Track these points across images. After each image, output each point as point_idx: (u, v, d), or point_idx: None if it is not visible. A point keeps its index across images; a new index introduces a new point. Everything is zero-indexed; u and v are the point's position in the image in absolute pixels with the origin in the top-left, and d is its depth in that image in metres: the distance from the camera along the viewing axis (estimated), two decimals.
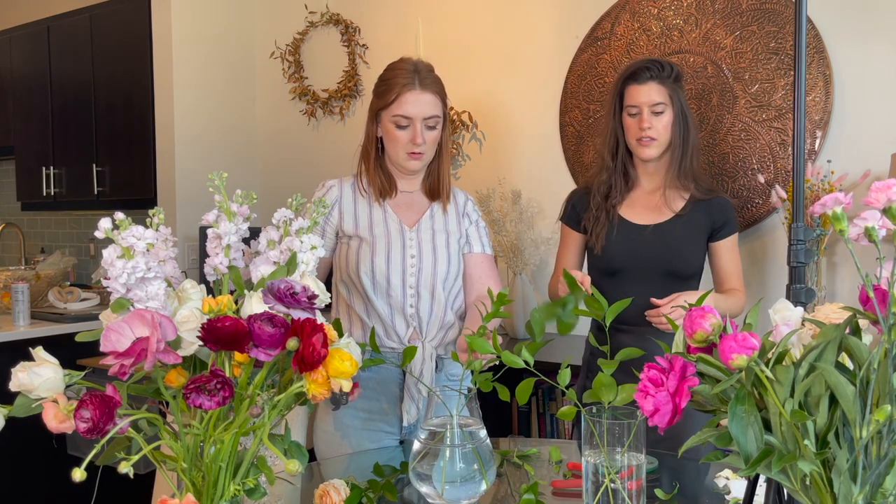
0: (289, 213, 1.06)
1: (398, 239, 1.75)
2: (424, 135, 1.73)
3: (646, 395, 0.79)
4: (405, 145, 1.74)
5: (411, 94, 1.71)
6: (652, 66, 1.89)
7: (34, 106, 4.25)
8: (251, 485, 0.96)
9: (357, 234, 1.76)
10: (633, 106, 1.90)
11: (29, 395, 0.89)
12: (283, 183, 3.77)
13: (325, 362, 0.91)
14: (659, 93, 1.88)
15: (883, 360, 0.69)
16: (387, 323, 1.74)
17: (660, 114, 1.88)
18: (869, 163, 2.28)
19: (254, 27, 3.84)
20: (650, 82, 1.88)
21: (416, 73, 1.73)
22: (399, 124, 1.73)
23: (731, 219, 1.94)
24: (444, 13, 3.21)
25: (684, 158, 1.92)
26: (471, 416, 1.17)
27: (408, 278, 1.74)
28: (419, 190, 1.85)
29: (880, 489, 0.70)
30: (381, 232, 1.75)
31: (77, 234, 4.63)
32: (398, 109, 1.72)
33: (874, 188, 0.73)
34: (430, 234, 1.79)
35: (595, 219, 1.95)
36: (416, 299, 1.75)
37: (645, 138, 1.88)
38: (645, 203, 1.96)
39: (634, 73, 1.90)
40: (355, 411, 1.75)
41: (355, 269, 1.73)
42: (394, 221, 1.77)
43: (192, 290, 0.97)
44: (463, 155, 3.18)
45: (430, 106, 1.74)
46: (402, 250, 1.75)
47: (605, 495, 1.06)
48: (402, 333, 1.75)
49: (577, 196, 2.04)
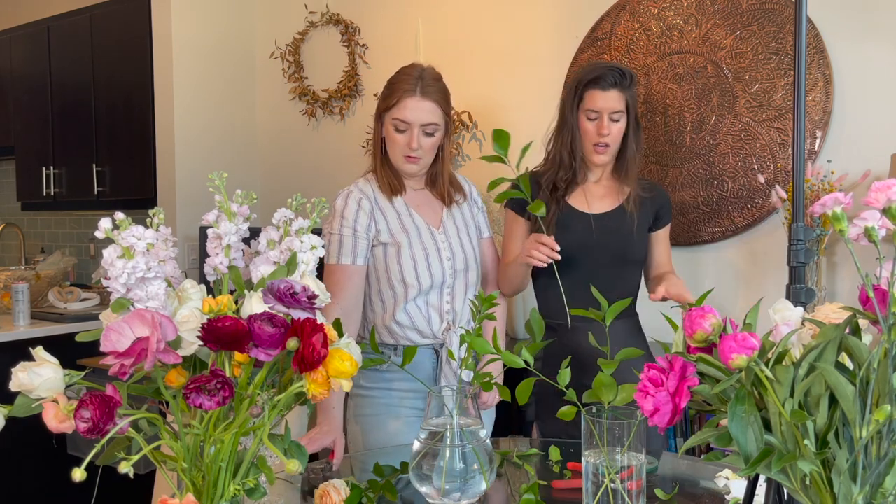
0: (289, 213, 1.06)
1: (431, 243, 1.83)
2: (420, 140, 1.79)
3: (646, 395, 0.79)
4: (402, 148, 1.80)
5: (411, 100, 1.77)
6: (615, 74, 1.90)
7: (34, 106, 4.25)
8: (251, 485, 0.96)
9: (394, 240, 1.80)
10: (593, 111, 1.92)
11: (29, 395, 0.89)
12: (283, 183, 3.77)
13: (325, 362, 0.91)
14: (619, 101, 1.91)
15: (883, 360, 0.69)
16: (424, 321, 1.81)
17: (616, 121, 1.92)
18: (869, 163, 2.28)
19: (254, 27, 3.84)
20: (612, 90, 1.90)
21: (420, 80, 1.79)
22: (398, 128, 1.79)
23: (667, 211, 2.05)
24: (444, 13, 3.21)
25: (633, 160, 1.97)
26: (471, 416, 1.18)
27: (447, 279, 1.83)
28: (425, 188, 1.91)
29: (880, 489, 0.70)
30: (415, 237, 1.82)
31: (77, 234, 4.63)
32: (398, 113, 1.78)
33: (874, 188, 0.73)
34: (455, 232, 1.89)
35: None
36: (452, 297, 1.84)
37: (601, 145, 1.92)
38: (592, 193, 2.01)
39: (597, 78, 1.91)
40: (390, 392, 1.82)
41: (399, 276, 1.79)
42: (422, 224, 1.84)
43: (192, 290, 0.97)
44: (463, 155, 3.18)
45: (429, 113, 1.79)
46: (437, 254, 1.83)
47: (605, 495, 1.06)
48: (438, 328, 1.82)
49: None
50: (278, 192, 3.74)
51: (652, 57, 2.65)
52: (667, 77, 2.62)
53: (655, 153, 2.63)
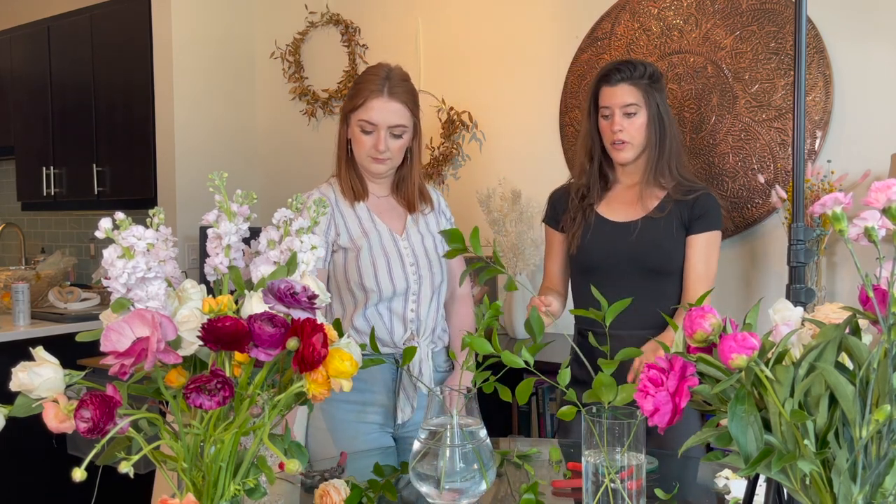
0: (289, 213, 1.06)
1: (393, 248, 1.77)
2: (388, 142, 1.74)
3: (646, 395, 0.79)
4: (368, 150, 1.76)
5: (378, 101, 1.73)
6: (624, 67, 1.85)
7: (34, 106, 4.25)
8: (251, 485, 0.96)
9: (353, 244, 1.76)
10: (605, 108, 1.87)
11: (29, 395, 0.89)
12: (283, 183, 3.77)
13: (325, 362, 0.91)
14: (630, 94, 1.84)
15: (883, 360, 0.69)
16: (385, 329, 1.76)
17: (632, 115, 1.84)
18: (869, 163, 2.28)
19: (254, 27, 3.84)
20: (621, 84, 1.84)
21: (387, 81, 1.74)
22: (364, 129, 1.75)
23: (708, 213, 1.84)
24: (444, 13, 3.21)
25: (661, 160, 1.86)
26: (471, 416, 1.17)
27: (411, 286, 1.77)
28: (390, 195, 1.86)
29: (880, 489, 0.70)
30: (376, 241, 1.76)
31: (77, 234, 4.63)
32: (364, 115, 1.74)
33: (874, 188, 0.73)
34: (419, 239, 1.82)
35: (571, 220, 1.94)
36: (417, 305, 1.79)
37: (617, 142, 1.85)
38: (622, 200, 1.93)
39: (606, 74, 1.87)
40: (347, 404, 1.75)
41: (358, 281, 1.74)
42: (384, 230, 1.79)
43: (192, 290, 0.97)
44: (463, 155, 3.18)
45: (396, 115, 1.74)
46: (399, 259, 1.77)
47: (605, 495, 1.06)
48: (399, 337, 1.77)
49: (557, 196, 2.03)
50: (278, 192, 3.74)
51: (652, 57, 2.65)
52: (667, 77, 2.61)
53: None
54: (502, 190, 2.96)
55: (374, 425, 1.77)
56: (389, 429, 1.80)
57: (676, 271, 1.86)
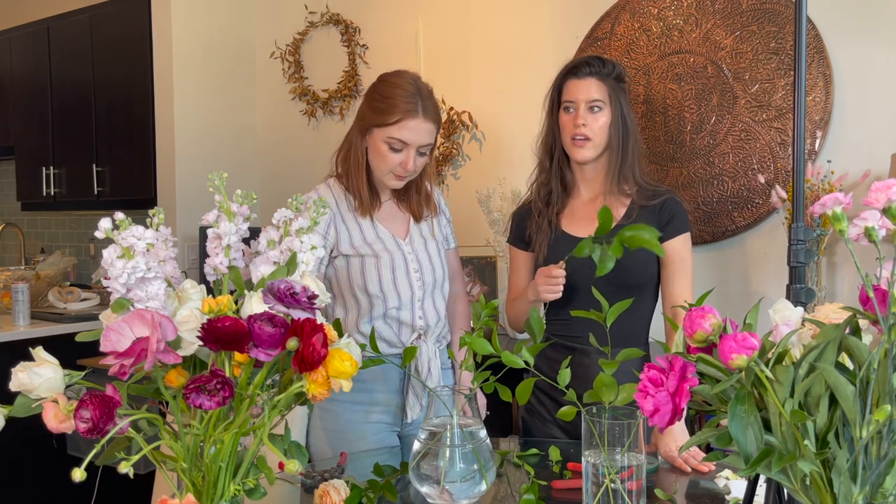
0: (289, 213, 1.06)
1: (398, 254, 1.76)
2: (416, 161, 1.72)
3: (646, 395, 0.79)
4: (393, 167, 1.71)
5: (414, 121, 1.68)
6: (594, 61, 1.79)
7: (34, 106, 4.25)
8: (251, 485, 0.96)
9: (357, 251, 1.74)
10: (569, 102, 1.78)
11: (29, 395, 0.89)
12: (283, 183, 3.76)
13: (325, 362, 0.91)
14: (598, 89, 1.76)
15: (883, 360, 0.69)
16: (393, 333, 1.76)
17: (597, 111, 1.76)
18: (869, 163, 2.28)
19: (254, 27, 3.84)
20: (589, 77, 1.77)
21: (419, 98, 1.69)
22: (393, 147, 1.70)
23: (676, 216, 1.76)
24: (444, 13, 3.21)
25: (623, 164, 1.78)
26: (471, 416, 1.18)
27: (416, 291, 1.77)
28: (391, 199, 1.84)
29: (880, 489, 0.70)
30: (381, 248, 1.75)
31: (77, 234, 4.63)
32: (397, 133, 1.68)
33: (874, 188, 0.73)
34: (422, 244, 1.81)
35: (538, 227, 1.83)
36: (423, 309, 1.79)
37: (579, 136, 1.76)
38: (584, 213, 1.83)
39: (574, 67, 1.81)
40: (355, 405, 1.75)
41: (362, 286, 1.73)
42: (387, 236, 1.78)
43: (192, 290, 0.97)
44: (463, 155, 3.18)
45: (429, 135, 1.71)
46: (405, 265, 1.76)
47: (605, 495, 1.06)
48: (407, 339, 1.78)
49: (520, 213, 1.93)
50: (278, 192, 3.75)
51: (652, 57, 2.65)
52: (667, 77, 2.62)
53: (655, 153, 2.63)
54: (502, 190, 2.96)
55: (381, 425, 1.78)
56: (397, 428, 1.81)
57: (650, 283, 1.78)
